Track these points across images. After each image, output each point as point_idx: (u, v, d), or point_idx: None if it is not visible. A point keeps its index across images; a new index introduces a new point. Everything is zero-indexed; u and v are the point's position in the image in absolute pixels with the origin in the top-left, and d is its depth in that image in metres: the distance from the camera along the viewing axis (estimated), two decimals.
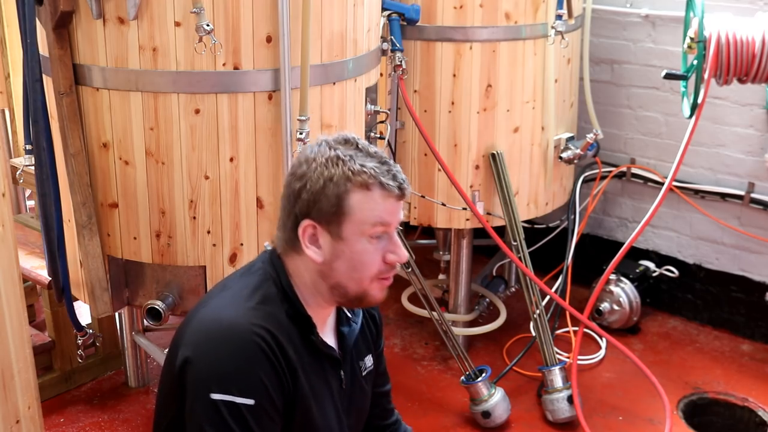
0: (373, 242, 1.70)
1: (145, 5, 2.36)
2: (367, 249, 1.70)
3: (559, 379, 3.26)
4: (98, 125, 2.52)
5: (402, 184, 1.70)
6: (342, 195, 1.67)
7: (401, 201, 1.72)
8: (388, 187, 1.68)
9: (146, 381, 3.48)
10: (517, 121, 3.40)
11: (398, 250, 1.72)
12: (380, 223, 1.69)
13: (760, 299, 3.76)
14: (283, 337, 1.69)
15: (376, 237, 1.69)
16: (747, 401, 3.42)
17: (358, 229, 1.68)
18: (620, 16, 3.94)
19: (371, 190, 1.68)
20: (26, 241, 3.28)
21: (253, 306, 1.70)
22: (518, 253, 3.37)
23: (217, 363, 1.63)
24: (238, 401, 1.61)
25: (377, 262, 1.71)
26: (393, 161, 1.75)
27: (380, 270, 1.72)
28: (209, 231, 2.55)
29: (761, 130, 3.67)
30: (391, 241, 1.72)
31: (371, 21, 2.77)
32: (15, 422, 2.19)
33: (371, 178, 1.67)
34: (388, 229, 1.70)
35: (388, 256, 1.71)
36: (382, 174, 1.68)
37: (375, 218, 1.68)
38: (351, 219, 1.68)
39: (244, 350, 1.64)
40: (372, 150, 1.72)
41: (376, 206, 1.68)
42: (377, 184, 1.67)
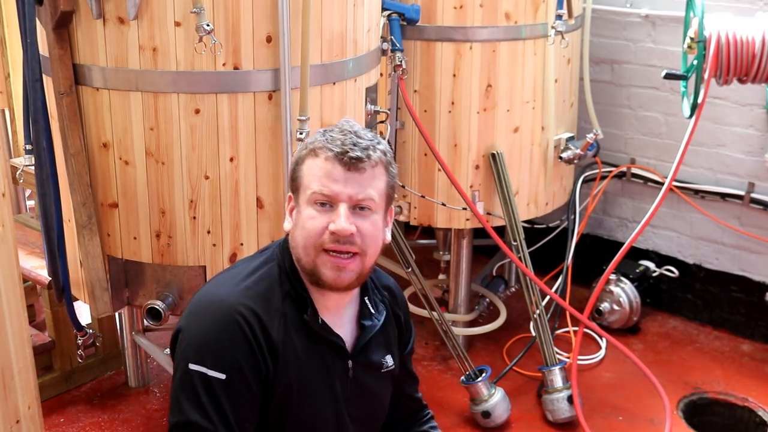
0: (319, 210, 1.69)
1: (145, 5, 2.36)
2: (312, 215, 1.70)
3: (559, 379, 3.26)
4: (98, 125, 2.52)
5: (349, 151, 1.67)
6: (298, 161, 1.74)
7: (354, 171, 1.68)
8: (331, 153, 1.68)
9: (146, 381, 3.48)
10: (517, 121, 3.40)
11: (338, 220, 1.67)
12: (320, 191, 1.68)
13: (760, 299, 3.76)
14: (271, 318, 1.71)
15: (320, 204, 1.69)
16: (747, 401, 3.42)
17: (305, 194, 1.71)
18: (620, 16, 3.94)
19: (318, 156, 1.70)
20: (26, 241, 3.28)
21: (246, 285, 1.74)
22: (518, 253, 3.37)
23: (199, 335, 1.69)
24: (210, 374, 1.65)
25: (320, 229, 1.68)
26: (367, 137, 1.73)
27: (323, 239, 1.69)
28: (209, 231, 2.55)
29: (761, 130, 3.67)
30: (336, 211, 1.68)
31: (371, 21, 2.77)
32: (15, 422, 2.19)
33: (320, 143, 1.70)
34: (330, 199, 1.68)
35: (330, 225, 1.68)
36: (330, 141, 1.69)
37: (315, 183, 1.69)
38: (302, 185, 1.72)
39: (224, 327, 1.67)
40: (351, 128, 1.72)
41: (320, 171, 1.69)
42: (323, 150, 1.69)
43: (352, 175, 1.68)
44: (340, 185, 1.68)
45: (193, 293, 2.55)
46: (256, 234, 2.58)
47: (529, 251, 3.43)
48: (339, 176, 1.68)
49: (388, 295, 1.96)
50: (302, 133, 2.47)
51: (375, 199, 1.71)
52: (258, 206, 2.56)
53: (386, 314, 1.92)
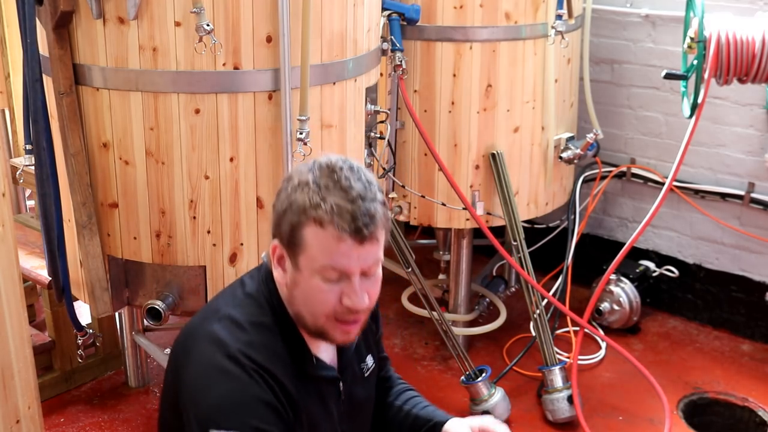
0: (329, 282, 1.58)
1: (145, 5, 2.36)
2: (321, 287, 1.59)
3: (559, 379, 3.26)
4: (98, 125, 2.52)
5: (362, 227, 1.54)
6: (296, 225, 1.57)
7: (365, 244, 1.56)
8: (341, 229, 1.53)
9: (146, 381, 3.48)
10: (517, 121, 3.40)
11: (354, 296, 1.58)
12: (332, 267, 1.57)
13: (760, 299, 3.75)
14: (282, 371, 1.65)
15: (330, 277, 1.58)
16: (747, 401, 3.42)
17: (311, 265, 1.58)
18: (620, 16, 3.94)
19: (325, 229, 1.55)
20: (26, 241, 3.28)
21: (251, 340, 1.64)
22: (518, 253, 3.37)
23: (217, 403, 1.59)
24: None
25: (332, 302, 1.60)
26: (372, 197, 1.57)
27: (335, 311, 1.61)
28: (209, 231, 2.55)
29: (761, 130, 3.67)
30: (349, 284, 1.59)
31: (371, 21, 2.77)
32: (15, 422, 2.19)
33: (326, 215, 1.54)
34: (342, 273, 1.58)
35: (344, 299, 1.59)
36: (339, 213, 1.54)
37: (326, 260, 1.56)
38: (305, 253, 1.58)
39: (243, 394, 1.59)
40: (348, 184, 1.56)
41: (329, 247, 1.55)
42: (331, 224, 1.54)
43: (363, 247, 1.57)
44: (353, 261, 1.57)
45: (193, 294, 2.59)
46: (256, 234, 2.58)
47: (529, 251, 3.43)
48: (352, 252, 1.56)
49: None
50: (302, 133, 2.46)
51: (381, 258, 1.64)
52: (258, 206, 2.56)
53: None
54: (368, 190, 1.58)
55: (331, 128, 2.63)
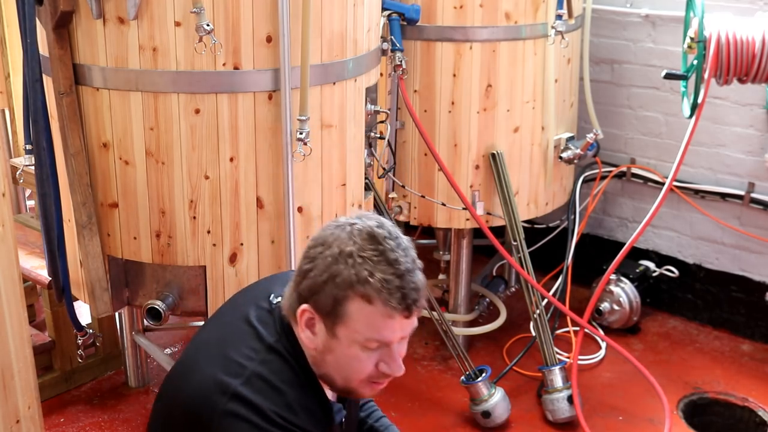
0: (368, 351, 1.59)
1: (145, 5, 2.36)
2: (360, 356, 1.58)
3: (559, 379, 3.26)
4: (98, 125, 2.52)
5: (411, 304, 1.54)
6: (341, 299, 1.55)
7: (411, 318, 1.57)
8: (391, 307, 1.53)
9: (146, 381, 3.48)
10: (517, 121, 3.40)
11: (393, 365, 1.59)
12: (375, 340, 1.57)
13: (760, 299, 3.75)
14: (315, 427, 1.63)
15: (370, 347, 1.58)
16: (747, 401, 3.42)
17: (352, 336, 1.57)
18: (620, 16, 3.94)
19: (373, 305, 1.53)
20: (26, 241, 3.28)
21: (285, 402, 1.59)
22: (518, 253, 3.37)
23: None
24: None
25: (369, 369, 1.60)
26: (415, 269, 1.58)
27: (371, 376, 1.62)
28: (209, 231, 2.55)
29: (761, 130, 3.67)
30: (388, 352, 1.59)
31: (371, 21, 2.77)
32: (15, 422, 2.19)
33: (376, 292, 1.52)
34: (387, 344, 1.58)
35: (381, 366, 1.60)
36: (390, 290, 1.52)
37: (371, 334, 1.56)
38: (347, 325, 1.56)
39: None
40: (395, 256, 1.55)
41: (375, 322, 1.55)
42: (381, 301, 1.53)
43: (409, 320, 1.58)
44: (398, 333, 1.58)
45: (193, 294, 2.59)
46: (256, 234, 2.58)
47: (529, 251, 3.43)
48: (397, 327, 1.57)
49: None
50: (302, 133, 2.46)
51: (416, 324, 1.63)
52: (258, 206, 2.56)
53: None
54: (411, 260, 1.58)
55: (331, 128, 2.63)
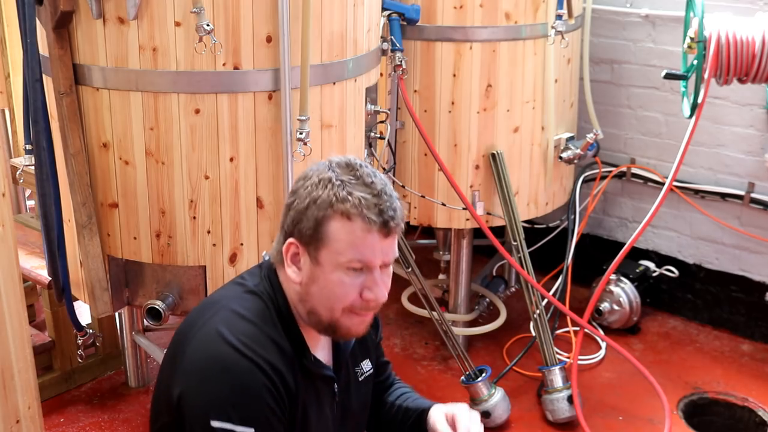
0: (350, 275, 1.62)
1: (145, 5, 2.36)
2: (343, 281, 1.62)
3: (559, 379, 3.26)
4: (98, 125, 2.53)
5: (389, 220, 1.59)
6: (321, 220, 1.60)
7: (389, 238, 1.61)
8: (369, 221, 1.58)
9: (146, 381, 3.48)
10: (517, 121, 3.40)
11: (376, 289, 1.62)
12: (357, 260, 1.60)
13: (760, 299, 3.76)
14: (283, 362, 1.66)
15: (353, 270, 1.61)
16: (747, 401, 3.42)
17: (334, 258, 1.61)
18: (620, 16, 3.94)
19: (352, 221, 1.59)
20: (26, 241, 3.28)
21: (251, 332, 1.65)
22: (518, 253, 3.37)
23: (216, 392, 1.60)
24: (239, 429, 1.59)
25: (352, 295, 1.63)
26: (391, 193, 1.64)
27: (354, 304, 1.64)
28: (209, 231, 2.55)
29: (761, 130, 3.67)
30: (371, 277, 1.62)
31: (371, 21, 2.77)
32: (15, 422, 2.19)
33: (354, 207, 1.58)
34: (366, 266, 1.61)
35: (365, 292, 1.63)
36: (367, 206, 1.58)
37: (352, 252, 1.60)
38: (328, 246, 1.61)
39: (243, 382, 1.60)
40: (370, 180, 1.62)
41: (355, 240, 1.59)
42: (359, 216, 1.58)
43: (387, 242, 1.62)
44: (377, 254, 1.61)
45: (193, 294, 2.59)
46: (256, 234, 2.58)
47: (529, 251, 3.43)
48: (377, 245, 1.60)
49: None
50: (302, 133, 2.46)
51: (397, 253, 1.68)
52: (258, 206, 2.56)
53: None
54: (385, 184, 1.64)
55: (331, 128, 2.63)
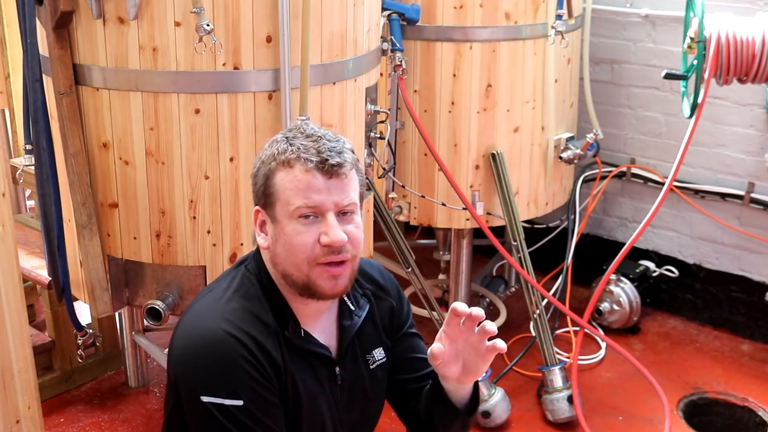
0: (305, 223, 1.63)
1: (145, 5, 2.36)
2: (298, 230, 1.63)
3: (559, 379, 3.26)
4: (98, 125, 2.52)
5: (328, 158, 1.61)
6: (268, 175, 1.65)
7: (334, 178, 1.62)
8: (306, 162, 1.61)
9: (146, 381, 3.48)
10: (517, 121, 3.40)
11: (330, 231, 1.62)
12: (305, 205, 1.62)
13: (760, 299, 3.76)
14: (266, 336, 1.67)
15: (305, 217, 1.63)
16: (747, 401, 3.42)
17: (285, 209, 1.64)
18: (620, 16, 3.94)
19: (293, 167, 1.62)
20: (26, 241, 3.28)
21: (232, 308, 1.68)
22: (518, 253, 3.37)
23: (201, 369, 1.63)
24: (227, 403, 1.62)
25: (310, 244, 1.63)
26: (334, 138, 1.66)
27: (315, 253, 1.63)
28: (209, 231, 2.55)
29: (761, 130, 3.67)
30: (325, 222, 1.63)
31: (371, 21, 2.77)
32: (15, 422, 2.19)
33: (292, 154, 1.62)
34: (316, 210, 1.62)
35: (321, 238, 1.62)
36: (304, 150, 1.62)
37: (298, 198, 1.62)
38: (278, 199, 1.64)
39: (223, 356, 1.62)
40: (315, 131, 1.65)
41: (298, 184, 1.62)
42: (297, 160, 1.62)
43: (333, 182, 1.63)
44: (324, 195, 1.62)
45: (193, 294, 2.59)
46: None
47: (529, 251, 3.43)
48: (321, 186, 1.62)
49: (372, 287, 1.90)
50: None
51: (356, 201, 1.68)
52: None
53: (369, 308, 1.87)
54: (335, 138, 1.67)
55: (331, 128, 2.61)
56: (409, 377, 1.94)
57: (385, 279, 1.95)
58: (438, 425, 1.86)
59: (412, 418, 1.95)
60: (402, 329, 1.96)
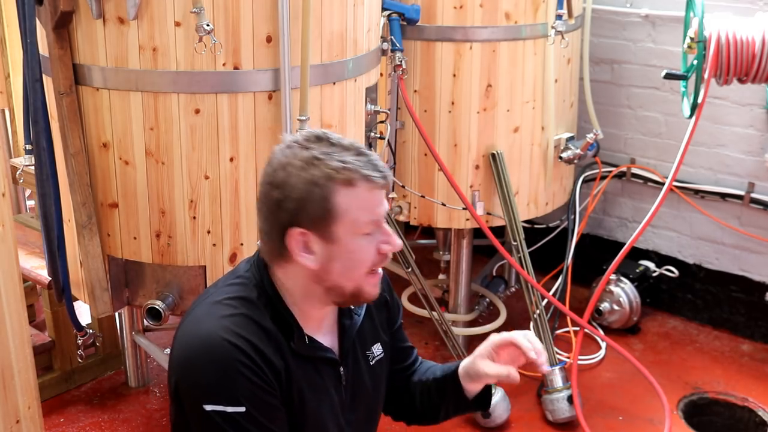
0: (367, 237, 1.65)
1: (145, 5, 2.36)
2: (362, 245, 1.65)
3: (559, 379, 3.26)
4: (98, 125, 2.53)
5: (384, 172, 1.64)
6: (327, 196, 1.60)
7: (384, 189, 1.66)
8: (372, 179, 1.61)
9: (146, 381, 3.48)
10: (517, 121, 3.40)
11: (391, 239, 1.67)
12: (372, 221, 1.64)
13: (760, 299, 3.76)
14: (266, 342, 1.66)
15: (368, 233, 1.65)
16: (747, 401, 3.42)
17: (351, 228, 1.63)
18: (620, 16, 3.94)
19: (356, 186, 1.61)
20: (26, 241, 3.28)
21: (231, 314, 1.67)
22: (518, 253, 3.37)
23: (201, 378, 1.63)
24: (230, 410, 1.61)
25: (371, 255, 1.67)
26: (369, 149, 1.71)
27: (374, 263, 1.68)
28: (209, 231, 2.55)
29: (761, 130, 3.67)
30: (382, 231, 1.67)
31: (371, 21, 2.77)
32: (15, 422, 2.19)
33: (354, 173, 1.60)
34: (378, 223, 1.66)
35: (382, 247, 1.66)
36: (363, 166, 1.61)
37: (366, 215, 1.63)
38: (341, 219, 1.62)
39: (222, 363, 1.62)
40: (346, 142, 1.65)
41: (364, 202, 1.63)
42: (361, 178, 1.61)
43: (384, 192, 1.67)
44: (383, 207, 1.66)
45: (193, 294, 2.59)
46: (256, 234, 2.58)
47: (529, 251, 3.43)
48: (381, 200, 1.65)
49: None
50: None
51: None
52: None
53: (367, 304, 1.87)
54: (358, 143, 1.68)
55: (331, 128, 2.63)
56: (400, 367, 1.98)
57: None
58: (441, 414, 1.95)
59: (398, 406, 2.00)
60: (396, 322, 1.97)
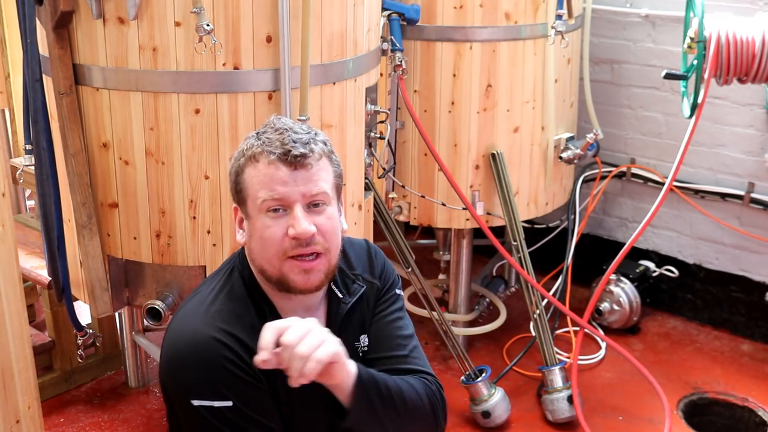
0: (273, 217, 1.63)
1: (145, 5, 2.36)
2: (267, 224, 1.63)
3: (559, 379, 3.26)
4: (98, 125, 2.52)
5: (291, 150, 1.60)
6: (238, 171, 1.67)
7: (300, 169, 1.62)
8: (269, 154, 1.61)
9: (146, 381, 3.48)
10: (517, 121, 3.40)
11: (296, 224, 1.61)
12: (271, 198, 1.62)
13: (760, 299, 3.76)
14: (250, 335, 1.64)
15: (273, 210, 1.63)
16: (747, 401, 3.42)
17: (254, 204, 1.64)
18: (620, 16, 3.94)
19: (258, 161, 1.63)
20: (26, 241, 3.28)
21: (215, 309, 1.68)
22: (518, 253, 3.37)
23: (187, 374, 1.64)
24: (217, 405, 1.62)
25: (279, 237, 1.63)
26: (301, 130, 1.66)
27: (285, 247, 1.63)
28: (209, 231, 2.55)
29: (761, 130, 3.67)
30: (292, 214, 1.62)
31: (371, 21, 2.77)
32: (15, 422, 2.19)
33: (257, 148, 1.63)
34: (283, 202, 1.62)
35: (289, 230, 1.62)
36: (268, 143, 1.62)
37: (264, 191, 1.62)
38: (249, 195, 1.65)
39: (206, 359, 1.62)
40: (282, 124, 1.65)
41: (263, 178, 1.62)
42: (262, 153, 1.62)
43: (299, 173, 1.62)
44: (289, 186, 1.62)
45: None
46: None
47: (529, 251, 3.43)
48: (286, 177, 1.62)
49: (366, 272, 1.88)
50: None
51: (327, 192, 1.66)
52: None
53: (362, 291, 1.84)
54: (304, 130, 1.67)
55: (331, 128, 2.63)
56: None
57: (373, 257, 1.92)
58: None
59: None
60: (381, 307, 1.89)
